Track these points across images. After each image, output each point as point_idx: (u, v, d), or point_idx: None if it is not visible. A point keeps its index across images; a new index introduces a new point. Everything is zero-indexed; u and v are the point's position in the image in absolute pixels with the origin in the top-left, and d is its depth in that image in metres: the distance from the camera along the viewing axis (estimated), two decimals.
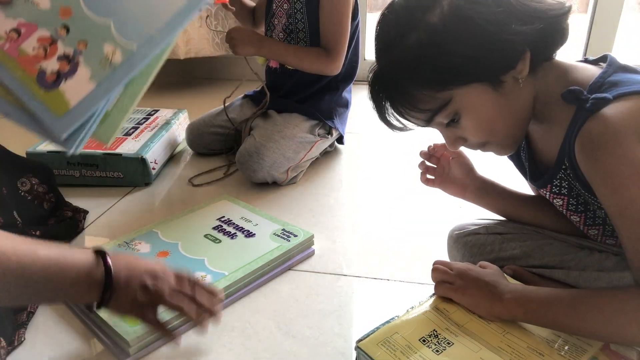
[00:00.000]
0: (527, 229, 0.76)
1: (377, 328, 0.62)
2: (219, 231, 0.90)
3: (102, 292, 0.59)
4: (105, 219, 1.03)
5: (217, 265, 0.80)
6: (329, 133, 1.27)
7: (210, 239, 0.87)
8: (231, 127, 1.30)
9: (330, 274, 0.84)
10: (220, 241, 0.87)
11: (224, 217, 0.95)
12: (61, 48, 0.78)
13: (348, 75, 1.28)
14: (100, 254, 0.60)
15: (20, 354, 0.67)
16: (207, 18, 1.63)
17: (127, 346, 0.65)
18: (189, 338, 0.70)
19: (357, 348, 0.60)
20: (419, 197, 1.11)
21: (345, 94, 1.31)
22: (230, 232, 0.89)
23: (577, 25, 2.02)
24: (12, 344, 0.67)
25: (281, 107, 1.26)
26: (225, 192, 1.14)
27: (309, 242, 0.88)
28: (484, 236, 0.76)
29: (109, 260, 0.60)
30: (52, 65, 0.78)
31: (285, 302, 0.78)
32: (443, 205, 1.06)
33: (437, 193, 1.16)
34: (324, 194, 1.13)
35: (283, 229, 0.90)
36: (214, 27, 1.80)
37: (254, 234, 0.89)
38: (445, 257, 0.89)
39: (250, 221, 0.93)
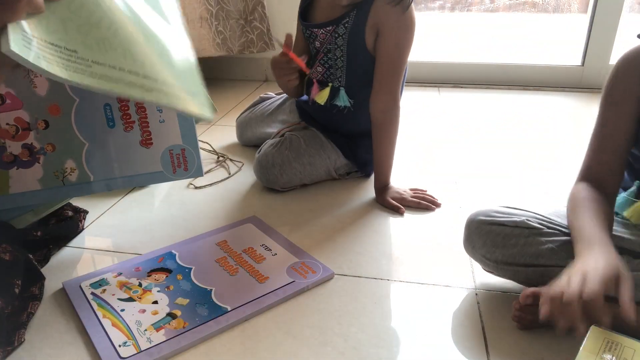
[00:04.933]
0: (555, 223, 0.75)
1: None
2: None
3: None
4: (105, 219, 1.03)
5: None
6: (349, 174, 1.21)
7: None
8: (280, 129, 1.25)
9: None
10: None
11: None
12: (31, 138, 0.77)
13: None
14: None
15: (20, 354, 0.67)
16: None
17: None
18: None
19: None
20: None
21: None
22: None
23: (577, 25, 2.02)
24: (12, 344, 0.67)
25: (325, 130, 1.18)
26: (225, 193, 1.14)
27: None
28: (509, 228, 0.75)
29: None
30: (15, 147, 0.77)
31: (285, 302, 0.78)
32: (443, 205, 1.06)
33: (437, 193, 1.15)
34: (323, 194, 1.13)
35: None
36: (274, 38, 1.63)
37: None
38: (445, 255, 0.89)
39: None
